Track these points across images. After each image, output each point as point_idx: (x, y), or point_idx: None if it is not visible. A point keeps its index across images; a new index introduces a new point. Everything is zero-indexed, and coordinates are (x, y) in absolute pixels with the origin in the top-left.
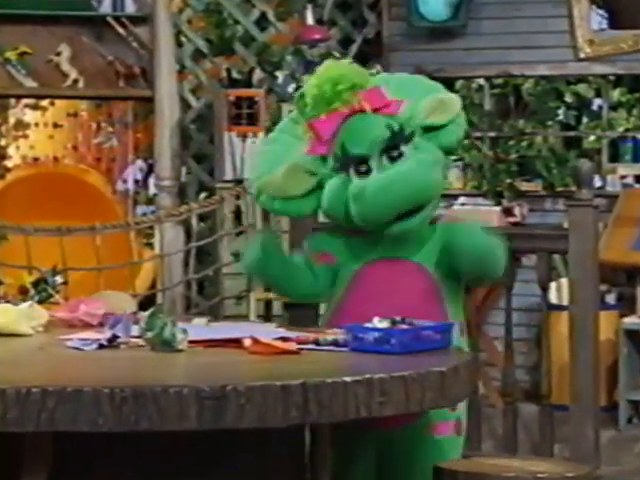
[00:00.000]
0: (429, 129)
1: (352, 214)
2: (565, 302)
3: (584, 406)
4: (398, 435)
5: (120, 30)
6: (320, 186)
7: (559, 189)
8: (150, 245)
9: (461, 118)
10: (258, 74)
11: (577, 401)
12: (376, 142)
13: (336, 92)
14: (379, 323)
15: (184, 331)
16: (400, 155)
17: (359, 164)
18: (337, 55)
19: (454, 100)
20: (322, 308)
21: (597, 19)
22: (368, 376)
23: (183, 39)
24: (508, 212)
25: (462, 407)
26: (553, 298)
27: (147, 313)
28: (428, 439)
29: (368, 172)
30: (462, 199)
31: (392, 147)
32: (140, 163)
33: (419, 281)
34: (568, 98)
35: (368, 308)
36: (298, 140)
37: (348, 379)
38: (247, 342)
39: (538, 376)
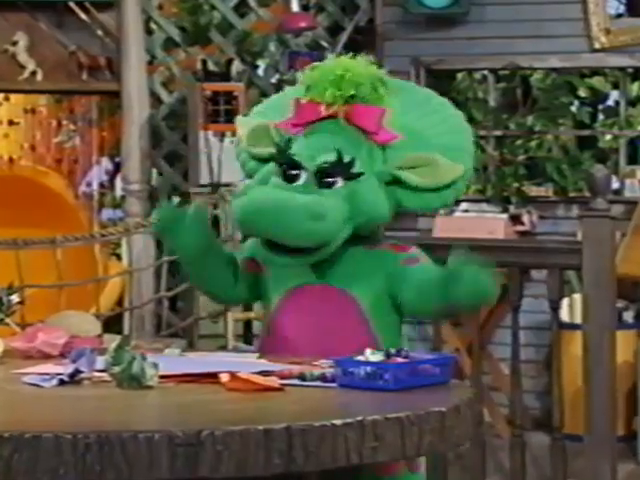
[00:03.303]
0: (399, 181)
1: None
2: (578, 320)
3: (599, 436)
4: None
5: (83, 16)
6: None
7: (572, 194)
8: (117, 255)
9: (451, 192)
10: (237, 66)
11: (592, 431)
12: (317, 160)
13: (333, 86)
14: (372, 356)
15: (154, 365)
16: (330, 185)
17: (293, 167)
18: (326, 45)
19: (451, 170)
20: None
21: (614, 5)
22: (360, 418)
23: (153, 26)
24: (516, 220)
25: None
26: (565, 316)
27: (113, 345)
28: None
29: (294, 180)
30: (464, 205)
31: (329, 174)
32: (106, 163)
33: (344, 308)
34: (582, 93)
35: (295, 337)
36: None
37: (338, 422)
38: (224, 377)
39: (548, 402)
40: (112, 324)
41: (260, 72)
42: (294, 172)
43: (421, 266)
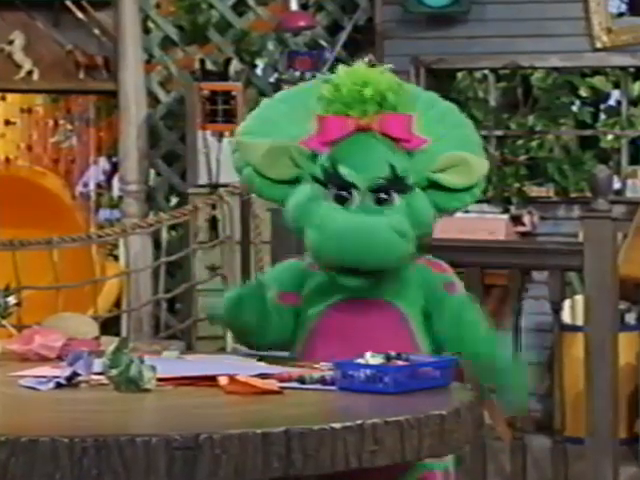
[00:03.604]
0: (435, 184)
1: (307, 240)
2: (580, 322)
3: (601, 439)
4: None
5: (80, 15)
6: (298, 180)
7: (573, 195)
8: (114, 257)
9: (478, 187)
10: (235, 65)
11: (594, 433)
12: (371, 177)
13: (361, 99)
14: (372, 359)
15: (152, 368)
16: (387, 201)
17: (342, 188)
18: (325, 44)
19: (480, 165)
20: None
21: (616, 3)
22: (359, 422)
23: (151, 25)
24: (516, 220)
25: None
26: (567, 317)
27: (111, 348)
28: None
29: (346, 200)
30: None
31: (384, 189)
32: (103, 163)
33: (392, 321)
34: (583, 92)
35: (336, 354)
36: (303, 116)
37: (337, 425)
38: (223, 380)
39: (550, 405)
40: (110, 326)
41: (259, 71)
42: (345, 193)
43: (460, 299)
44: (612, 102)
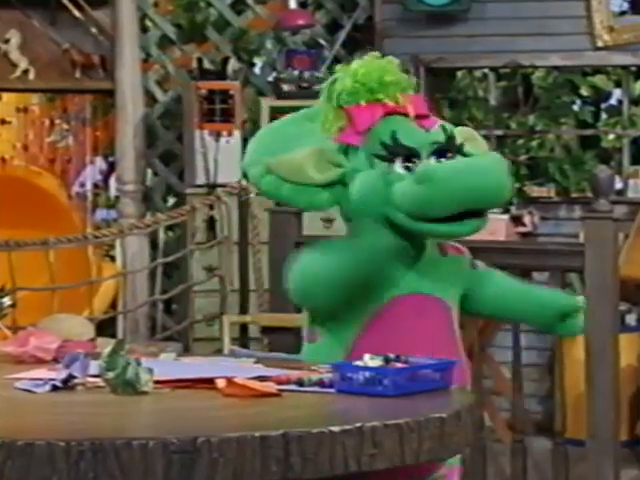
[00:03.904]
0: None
1: (409, 199)
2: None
3: (602, 441)
4: None
5: (77, 14)
6: (340, 181)
7: (574, 195)
8: (111, 257)
9: None
10: (233, 64)
11: (595, 435)
12: (430, 141)
13: (383, 83)
14: (371, 361)
15: (149, 370)
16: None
17: (407, 158)
18: (324, 43)
19: (482, 140)
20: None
21: (617, 2)
22: (358, 425)
23: (148, 24)
24: (517, 221)
25: None
26: None
27: (107, 350)
28: None
29: (411, 169)
30: None
31: (443, 152)
32: (100, 163)
33: (443, 319)
34: (584, 91)
35: (391, 345)
36: (321, 129)
37: (336, 429)
38: (221, 383)
39: (551, 407)
40: (106, 327)
41: (257, 70)
42: (410, 163)
43: (488, 272)
44: (613, 101)
